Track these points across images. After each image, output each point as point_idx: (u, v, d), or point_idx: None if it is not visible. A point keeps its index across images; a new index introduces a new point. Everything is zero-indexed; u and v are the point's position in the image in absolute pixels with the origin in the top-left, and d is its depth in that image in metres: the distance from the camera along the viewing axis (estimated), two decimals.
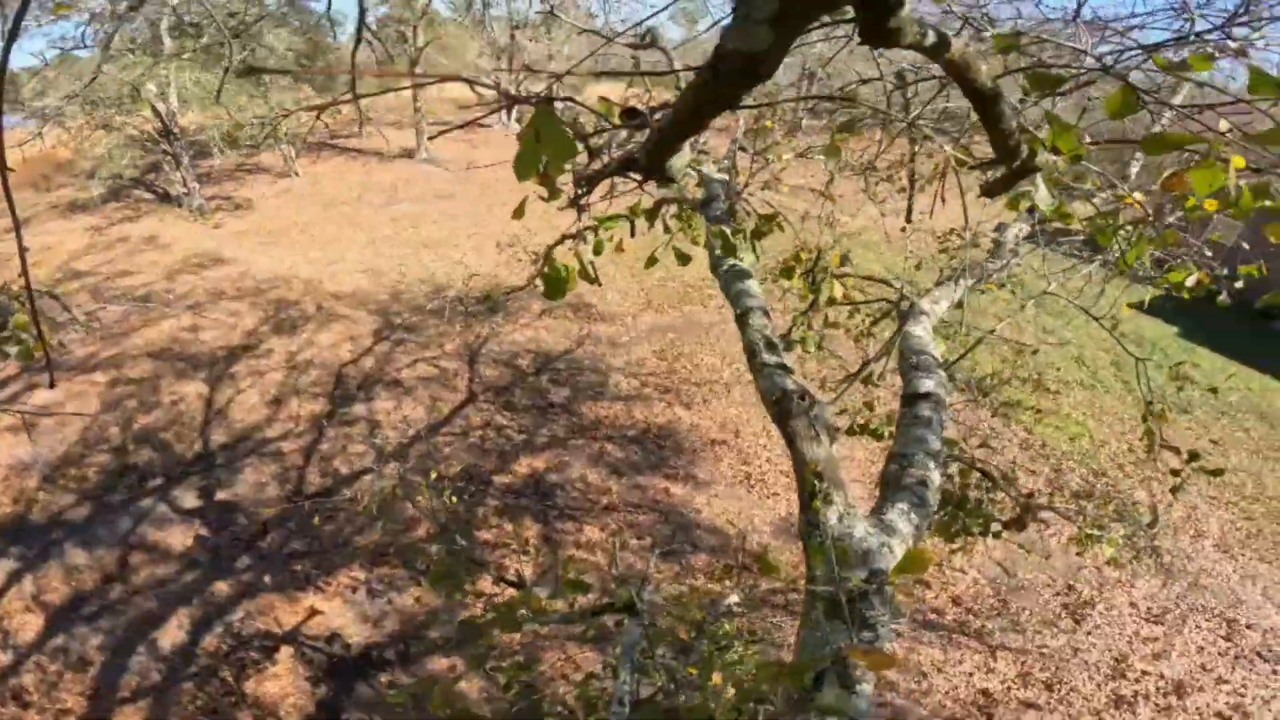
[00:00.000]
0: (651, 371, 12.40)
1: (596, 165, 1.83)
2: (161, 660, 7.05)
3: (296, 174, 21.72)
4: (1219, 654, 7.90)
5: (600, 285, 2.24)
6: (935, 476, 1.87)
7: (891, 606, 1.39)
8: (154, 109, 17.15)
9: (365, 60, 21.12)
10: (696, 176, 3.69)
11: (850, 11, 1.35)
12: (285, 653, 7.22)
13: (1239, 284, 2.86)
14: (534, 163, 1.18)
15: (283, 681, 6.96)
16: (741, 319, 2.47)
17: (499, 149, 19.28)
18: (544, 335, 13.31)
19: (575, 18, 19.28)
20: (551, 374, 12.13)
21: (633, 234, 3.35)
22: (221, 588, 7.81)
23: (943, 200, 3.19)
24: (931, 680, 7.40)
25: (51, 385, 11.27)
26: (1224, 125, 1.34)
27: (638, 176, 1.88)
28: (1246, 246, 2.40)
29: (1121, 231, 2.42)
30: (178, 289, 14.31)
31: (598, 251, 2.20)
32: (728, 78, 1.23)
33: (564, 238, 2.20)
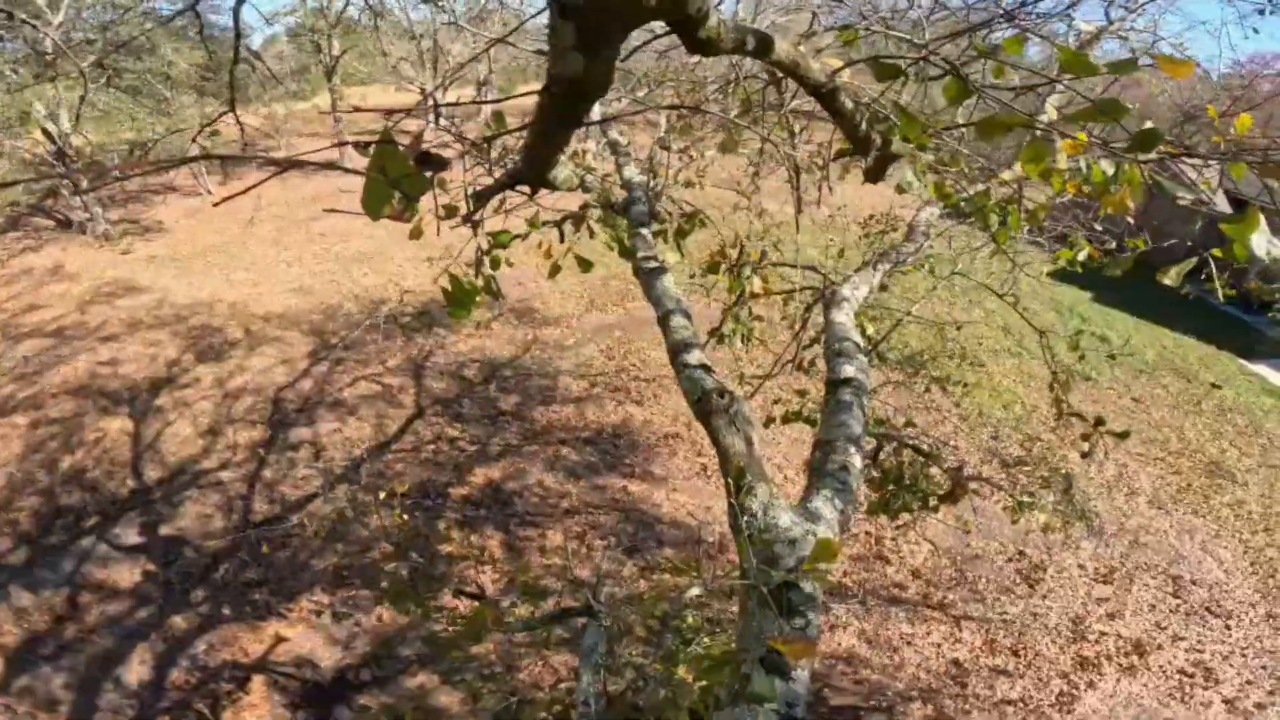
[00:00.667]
0: (600, 371, 12.42)
1: (487, 181, 1.86)
2: (131, 696, 6.86)
3: (209, 191, 20.87)
4: (1170, 611, 8.24)
5: (503, 299, 2.29)
6: (856, 461, 1.96)
7: (814, 594, 1.46)
8: (44, 131, 16.30)
9: (245, 75, 20.29)
10: (618, 179, 3.74)
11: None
12: (257, 681, 7.07)
13: (1127, 254, 3.07)
14: (384, 199, 1.18)
15: (259, 710, 6.83)
16: (663, 321, 2.54)
17: None
18: (489, 344, 13.18)
19: (501, 18, 19.02)
20: (500, 382, 12.04)
21: (561, 239, 3.39)
22: (179, 622, 7.59)
23: (830, 189, 3.33)
24: (903, 654, 7.60)
25: None
26: (1050, 108, 1.46)
27: (526, 190, 1.92)
28: (1131, 221, 2.58)
29: (995, 210, 2.57)
30: (90, 321, 13.61)
31: (495, 265, 2.24)
32: (561, 100, 1.29)
33: (476, 261, 2.22)
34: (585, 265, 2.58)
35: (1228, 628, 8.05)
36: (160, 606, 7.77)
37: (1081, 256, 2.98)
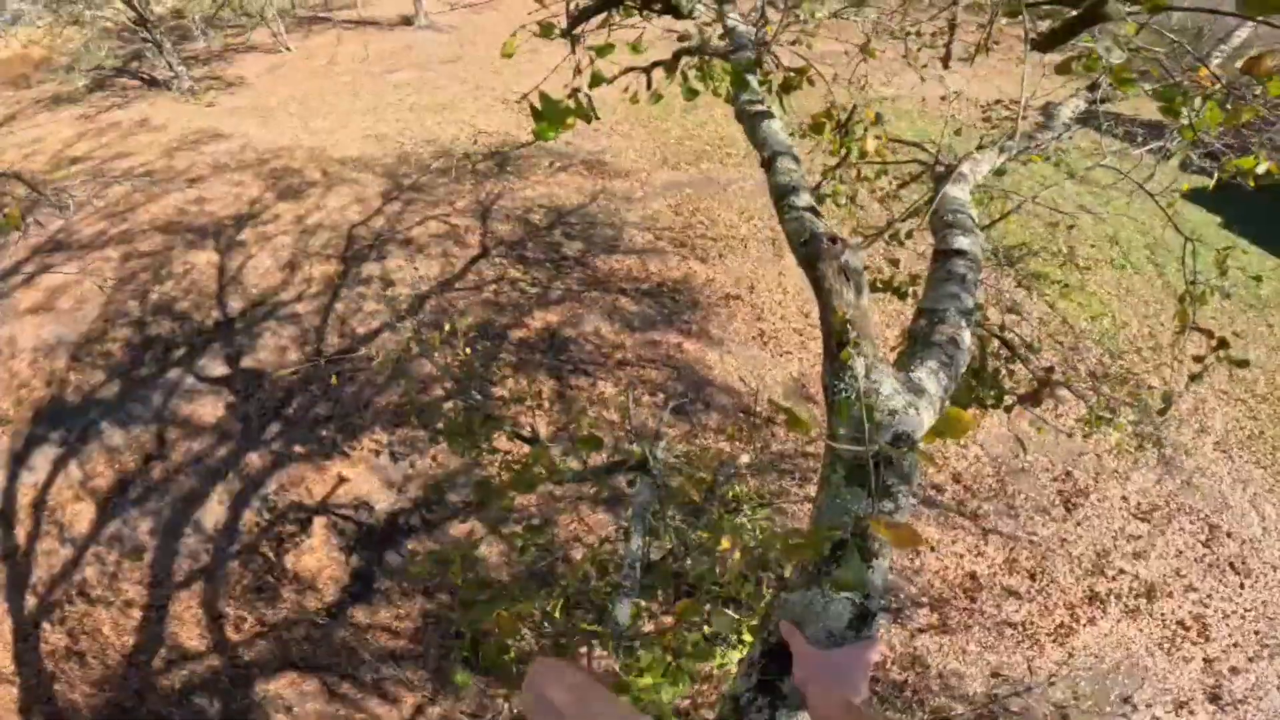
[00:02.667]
0: (667, 226, 12.06)
1: None
2: (208, 540, 7.29)
3: (288, 49, 20.53)
4: (1195, 560, 7.82)
5: (599, 119, 2.05)
6: (967, 336, 1.73)
7: (912, 475, 1.30)
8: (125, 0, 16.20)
9: None
10: (721, 27, 3.34)
11: None
12: (319, 524, 7.44)
13: None
14: None
15: (319, 554, 7.22)
16: (769, 163, 2.24)
17: (505, 12, 17.84)
18: (557, 191, 12.90)
19: None
20: (564, 228, 11.87)
21: (649, 86, 3.07)
22: (254, 459, 8.00)
23: (987, 50, 2.86)
24: (924, 559, 7.47)
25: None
26: None
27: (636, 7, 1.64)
28: None
29: (1190, 105, 2.11)
30: (177, 165, 13.91)
31: (595, 83, 1.99)
32: None
33: (573, 92, 1.97)
34: (690, 93, 2.33)
35: (1241, 587, 7.61)
36: (238, 443, 8.18)
37: (1260, 169, 2.50)
